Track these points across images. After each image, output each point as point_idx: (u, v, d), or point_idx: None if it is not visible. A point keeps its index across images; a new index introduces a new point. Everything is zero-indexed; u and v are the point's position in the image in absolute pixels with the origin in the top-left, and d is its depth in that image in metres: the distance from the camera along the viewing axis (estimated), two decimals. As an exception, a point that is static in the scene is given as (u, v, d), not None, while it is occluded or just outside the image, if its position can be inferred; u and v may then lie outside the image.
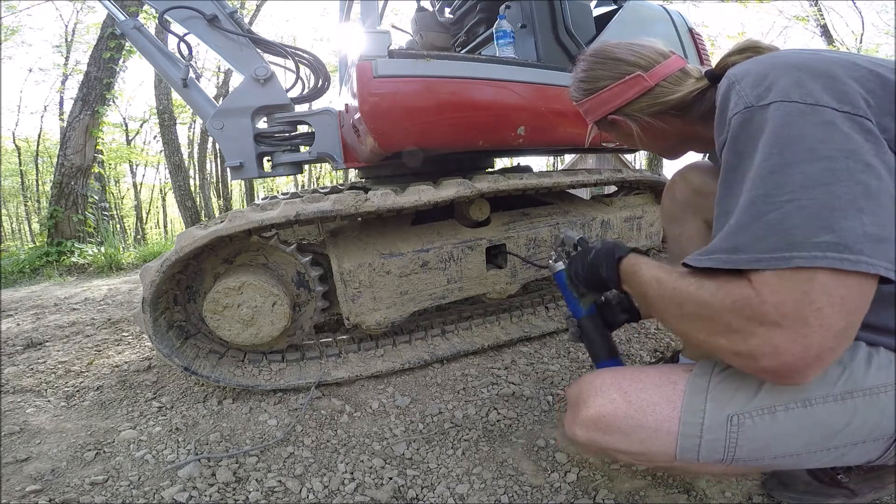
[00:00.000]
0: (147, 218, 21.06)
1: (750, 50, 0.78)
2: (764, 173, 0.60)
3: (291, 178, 15.42)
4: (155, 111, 8.43)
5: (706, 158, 1.18)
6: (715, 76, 0.83)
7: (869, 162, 0.56)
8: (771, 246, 0.57)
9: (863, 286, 0.56)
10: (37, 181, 15.75)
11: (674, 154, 1.03)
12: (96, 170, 6.02)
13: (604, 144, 1.87)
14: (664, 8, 2.16)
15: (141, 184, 20.02)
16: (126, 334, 2.16)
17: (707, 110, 0.85)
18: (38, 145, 15.57)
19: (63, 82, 12.87)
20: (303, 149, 1.94)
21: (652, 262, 0.80)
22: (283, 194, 2.60)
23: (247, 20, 6.19)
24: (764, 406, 0.67)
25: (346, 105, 1.74)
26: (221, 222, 1.32)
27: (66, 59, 12.62)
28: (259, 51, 1.86)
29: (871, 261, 0.54)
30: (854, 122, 0.58)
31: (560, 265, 1.10)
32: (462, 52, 2.32)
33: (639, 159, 16.17)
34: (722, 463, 0.71)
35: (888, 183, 0.56)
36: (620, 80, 0.89)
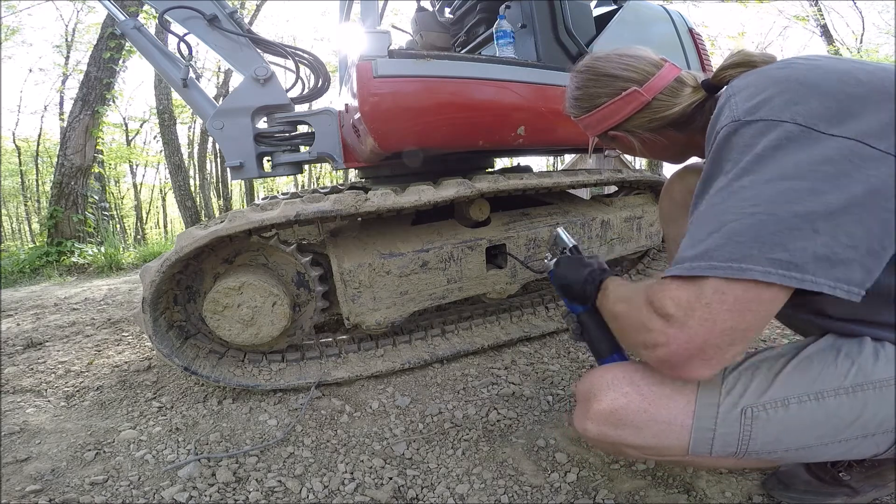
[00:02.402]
0: (147, 218, 21.03)
1: (744, 65, 0.78)
2: (735, 186, 0.63)
3: (291, 178, 15.42)
4: (155, 111, 8.43)
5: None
6: (712, 87, 0.84)
7: (839, 183, 0.58)
8: (727, 255, 0.60)
9: (765, 294, 0.59)
10: (37, 181, 15.74)
11: (676, 161, 1.04)
12: (96, 170, 6.03)
13: (606, 155, 1.87)
14: (664, 8, 2.16)
15: (141, 184, 20.00)
16: (126, 334, 2.16)
17: (707, 121, 0.85)
18: (38, 145, 15.55)
19: (63, 82, 12.86)
20: (303, 149, 1.94)
21: (624, 281, 0.87)
22: (283, 194, 2.60)
23: (247, 20, 6.19)
24: (777, 399, 0.68)
25: (346, 105, 1.73)
26: (221, 222, 1.32)
27: (67, 59, 12.62)
28: (259, 51, 1.86)
29: (817, 279, 0.57)
30: (839, 144, 0.59)
31: (554, 264, 1.10)
32: (462, 52, 2.32)
33: (638, 159, 16.16)
34: (734, 456, 0.71)
35: (859, 202, 0.57)
36: (617, 96, 0.88)
